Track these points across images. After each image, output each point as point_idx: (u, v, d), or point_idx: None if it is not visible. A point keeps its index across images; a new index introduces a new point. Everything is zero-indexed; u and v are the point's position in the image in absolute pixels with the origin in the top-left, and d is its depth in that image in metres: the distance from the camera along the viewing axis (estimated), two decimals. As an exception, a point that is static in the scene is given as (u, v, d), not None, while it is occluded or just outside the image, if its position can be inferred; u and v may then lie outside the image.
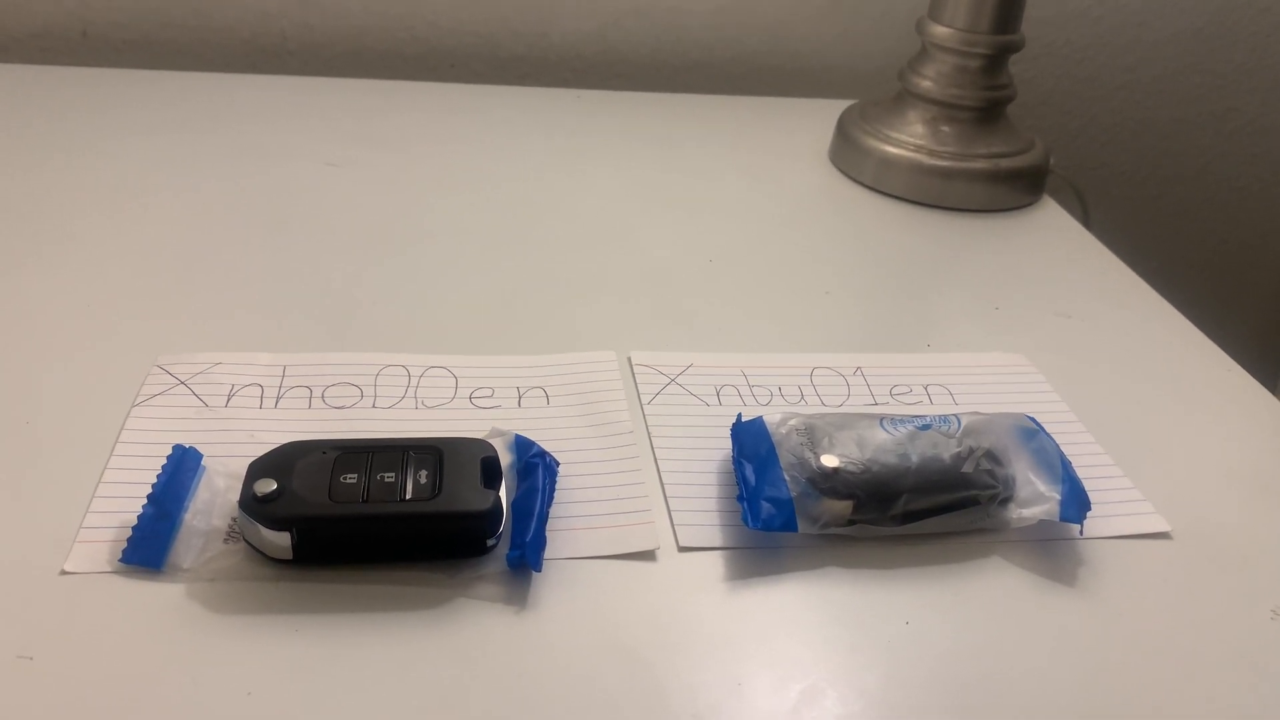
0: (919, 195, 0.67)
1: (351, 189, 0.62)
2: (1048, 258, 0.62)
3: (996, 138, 0.68)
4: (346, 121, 0.70)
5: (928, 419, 0.40)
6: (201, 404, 0.42)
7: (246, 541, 0.34)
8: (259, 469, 0.35)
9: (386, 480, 0.34)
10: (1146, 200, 0.95)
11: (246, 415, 0.41)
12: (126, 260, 0.52)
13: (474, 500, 0.34)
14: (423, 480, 0.34)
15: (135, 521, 0.35)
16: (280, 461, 0.35)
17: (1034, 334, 0.53)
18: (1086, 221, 0.69)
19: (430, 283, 0.53)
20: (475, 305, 0.51)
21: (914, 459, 0.38)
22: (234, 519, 0.35)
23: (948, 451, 0.38)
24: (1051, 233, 0.65)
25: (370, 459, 0.35)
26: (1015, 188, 0.67)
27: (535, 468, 0.37)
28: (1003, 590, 0.37)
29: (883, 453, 0.38)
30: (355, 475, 0.34)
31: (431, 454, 0.36)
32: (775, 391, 0.46)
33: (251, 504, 0.33)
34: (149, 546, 0.34)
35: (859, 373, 0.48)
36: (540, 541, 0.35)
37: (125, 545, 0.34)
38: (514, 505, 0.36)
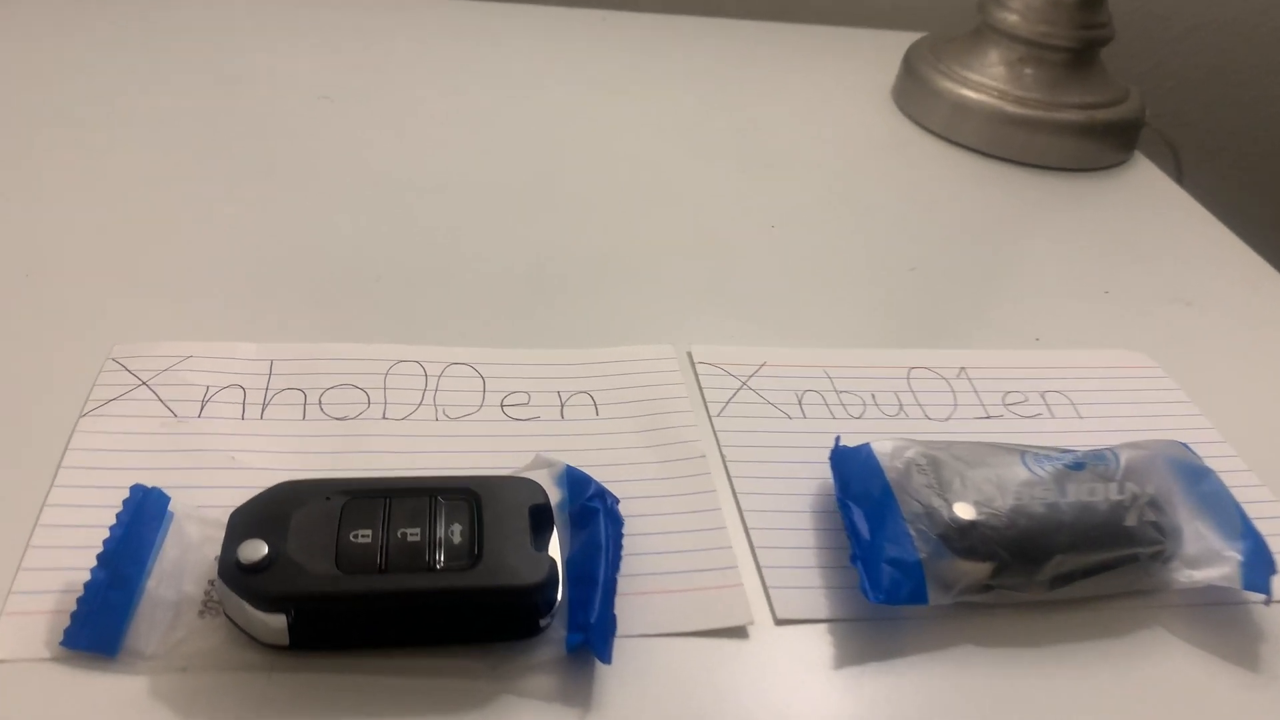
0: (996, 148, 0.58)
1: (349, 129, 0.52)
2: (1151, 228, 0.54)
3: (1089, 85, 0.59)
4: (343, 47, 0.60)
5: (1079, 455, 0.32)
6: (168, 413, 0.33)
7: (228, 617, 0.26)
8: (244, 524, 0.27)
9: (410, 539, 0.26)
10: (1241, 159, 0.86)
11: (225, 430, 0.33)
12: (73, 217, 0.43)
13: (524, 569, 0.26)
14: (456, 539, 0.27)
15: (81, 590, 0.27)
16: (271, 511, 0.27)
17: (1152, 325, 0.45)
18: (1180, 183, 0.61)
19: (444, 250, 0.44)
20: (498, 280, 0.42)
21: (1066, 509, 0.30)
22: (211, 582, 0.27)
23: (1105, 498, 0.31)
24: (1150, 197, 0.57)
25: (388, 507, 0.27)
26: (1107, 144, 0.59)
27: (594, 514, 0.29)
28: (1173, 671, 0.30)
29: (1029, 499, 0.30)
30: (369, 532, 0.26)
31: (466, 499, 0.28)
32: (868, 399, 0.38)
33: (235, 575, 0.25)
34: (100, 624, 0.26)
35: (963, 374, 0.40)
36: (609, 624, 0.27)
37: (69, 622, 0.26)
38: (569, 565, 0.28)
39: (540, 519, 0.28)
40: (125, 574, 0.27)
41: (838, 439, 0.33)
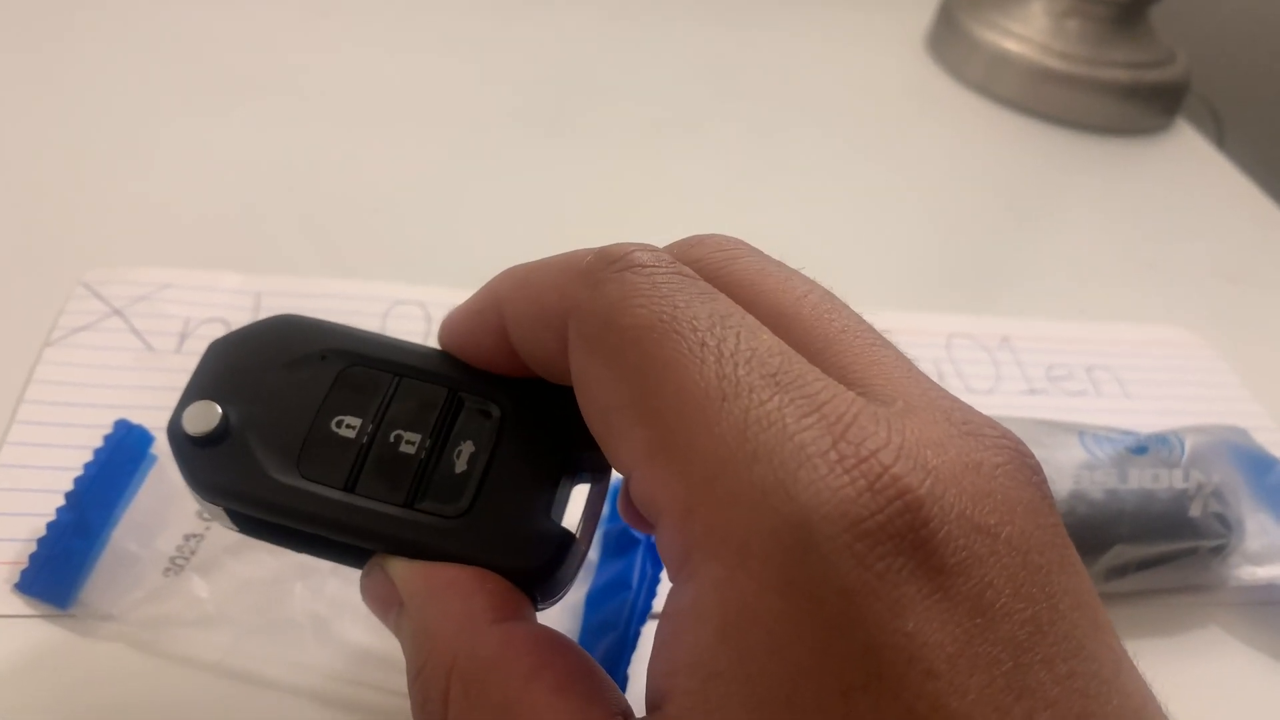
0: (1034, 104, 0.55)
1: (346, 47, 0.48)
2: (1194, 198, 0.51)
3: (1136, 44, 0.55)
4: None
5: (1141, 438, 0.29)
6: (143, 345, 0.30)
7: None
8: (214, 367, 0.20)
9: (403, 450, 0.19)
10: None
11: (206, 367, 0.30)
12: (44, 130, 0.39)
13: (523, 543, 0.19)
14: (459, 465, 0.19)
15: (44, 531, 0.24)
16: (254, 354, 0.20)
17: (1198, 301, 0.43)
18: (1221, 150, 0.58)
19: (446, 182, 0.41)
20: (508, 217, 0.39)
21: (1128, 496, 0.28)
22: (187, 537, 0.24)
23: (1169, 486, 0.28)
24: (1192, 166, 0.54)
25: (392, 390, 0.20)
26: (1151, 107, 0.56)
27: (633, 547, 0.25)
28: (1231, 672, 0.28)
29: (1088, 483, 0.28)
30: (357, 423, 0.19)
31: (491, 410, 0.20)
32: (905, 367, 0.35)
33: (180, 441, 0.19)
34: (55, 573, 0.23)
35: (1005, 344, 0.37)
36: (620, 684, 0.22)
37: (27, 564, 0.23)
38: (588, 601, 0.24)
39: (573, 464, 0.20)
40: (90, 521, 0.24)
41: (877, 408, 0.31)
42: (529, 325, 0.18)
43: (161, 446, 0.26)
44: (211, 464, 0.19)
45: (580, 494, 0.20)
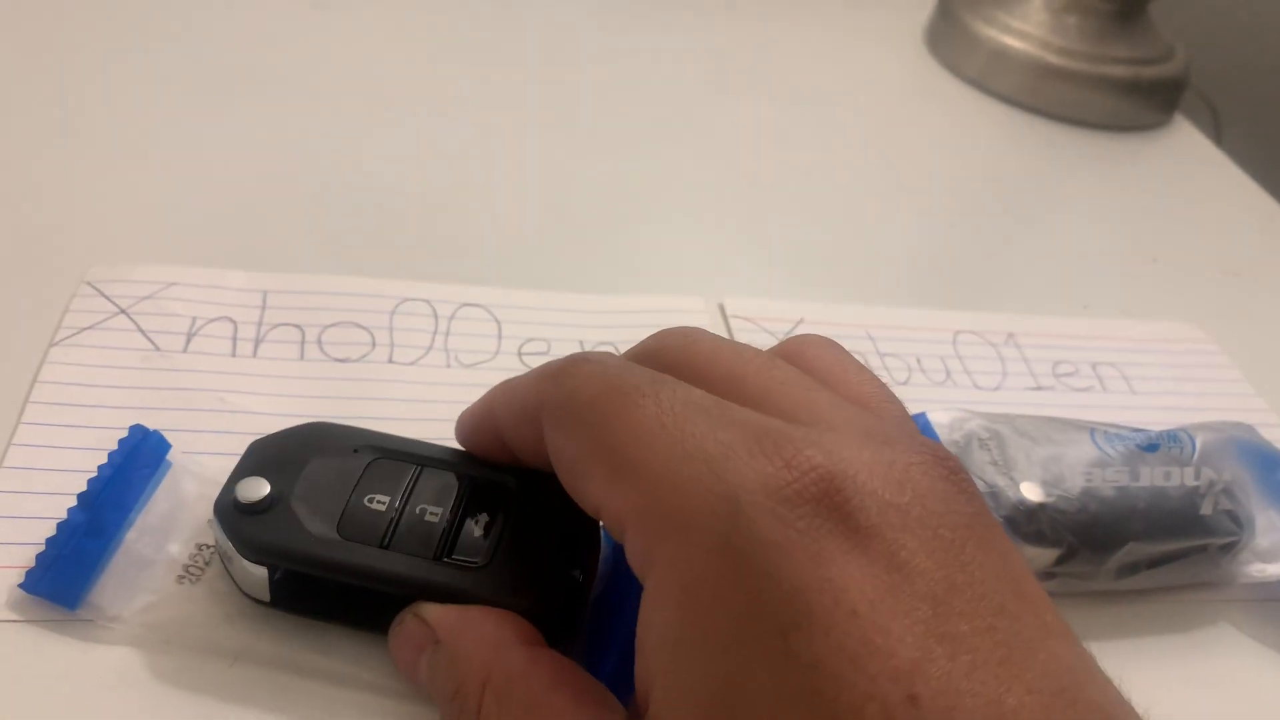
0: (1033, 100, 0.55)
1: (346, 40, 0.48)
2: (1194, 194, 0.51)
3: (1135, 40, 0.55)
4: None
5: (1152, 435, 0.29)
6: (150, 345, 0.30)
7: (221, 560, 0.23)
8: (258, 457, 0.24)
9: (429, 519, 0.23)
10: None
11: (213, 367, 0.30)
12: (48, 127, 0.39)
13: (538, 587, 0.22)
14: (477, 531, 0.23)
15: (53, 530, 0.23)
16: (292, 449, 0.24)
17: (1201, 296, 0.43)
18: (1219, 146, 0.58)
19: (452, 178, 0.40)
20: (513, 214, 0.39)
21: (1139, 493, 0.28)
22: (199, 546, 0.24)
23: (1180, 484, 0.29)
24: (1191, 161, 0.54)
25: (416, 477, 0.24)
26: (1151, 103, 0.56)
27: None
28: (1240, 668, 0.28)
29: (1100, 481, 0.28)
30: (386, 500, 0.23)
31: (503, 487, 0.24)
32: (914, 364, 0.35)
33: (228, 512, 0.22)
34: (65, 573, 0.23)
35: (1011, 341, 0.37)
36: (628, 680, 0.20)
37: (33, 564, 0.23)
38: (596, 603, 0.24)
39: (581, 534, 0.23)
40: (104, 521, 0.23)
41: (888, 406, 0.30)
42: (514, 423, 0.22)
43: (177, 455, 0.25)
44: (261, 529, 0.22)
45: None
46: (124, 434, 0.25)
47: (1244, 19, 0.79)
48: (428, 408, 0.30)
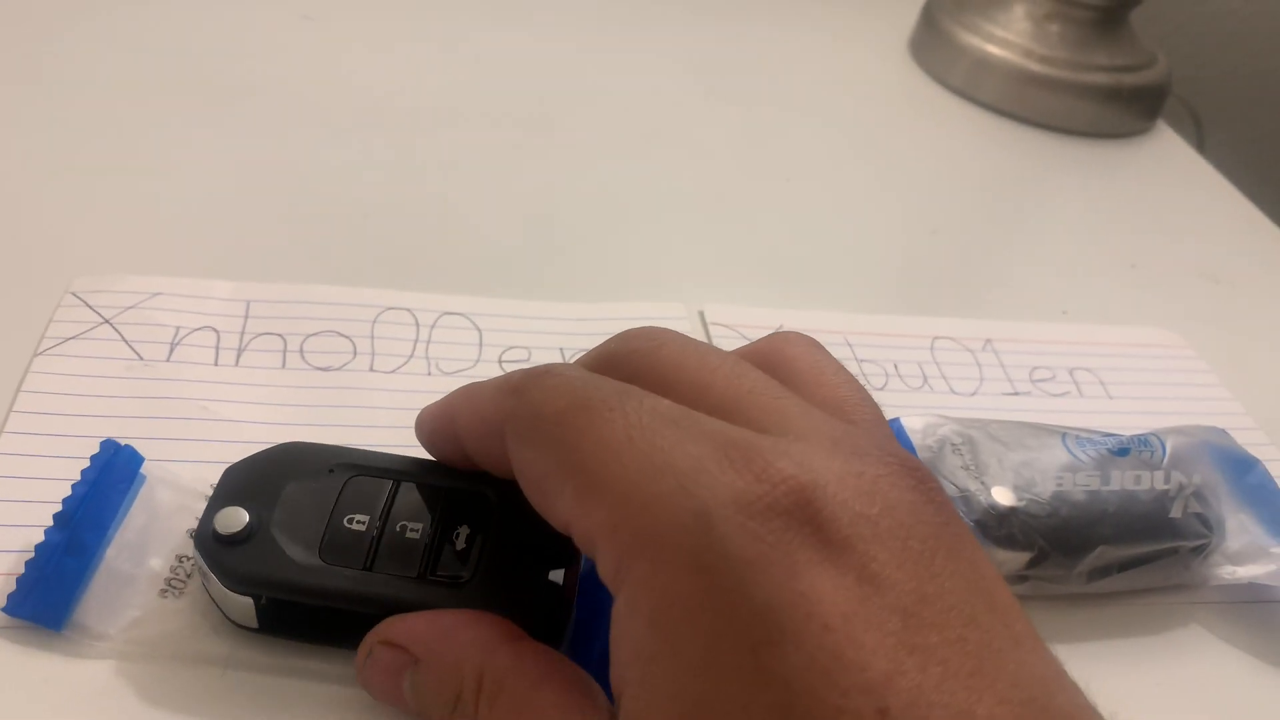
0: (1016, 108, 0.56)
1: (333, 52, 0.48)
2: (1175, 200, 0.52)
3: (1117, 47, 0.56)
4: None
5: (1123, 440, 0.30)
6: (133, 355, 0.30)
7: (205, 588, 0.24)
8: (234, 484, 0.23)
9: (409, 536, 0.23)
10: (1263, 132, 0.84)
11: (196, 376, 0.30)
12: (31, 136, 0.39)
13: (523, 597, 0.22)
14: (459, 544, 0.23)
15: (32, 552, 0.24)
16: (267, 473, 0.24)
17: (1179, 301, 0.43)
18: (1201, 153, 0.59)
19: (437, 189, 0.41)
20: (495, 224, 0.39)
21: (1110, 497, 0.28)
22: (180, 558, 0.24)
23: (1151, 487, 0.29)
24: (1173, 168, 0.55)
25: (394, 493, 0.24)
26: (1133, 110, 0.56)
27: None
28: (1211, 670, 0.28)
29: (1070, 485, 0.28)
30: (366, 519, 0.23)
31: (482, 498, 0.24)
32: (891, 370, 0.35)
33: (208, 544, 0.22)
34: (48, 594, 0.23)
35: (989, 347, 0.38)
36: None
37: (14, 588, 0.23)
38: (580, 593, 0.24)
39: (560, 539, 0.23)
40: (83, 540, 0.24)
41: (863, 412, 0.31)
42: (476, 435, 0.22)
43: (151, 468, 0.26)
44: (243, 559, 0.22)
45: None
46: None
47: (1226, 26, 0.80)
48: (409, 415, 0.30)
